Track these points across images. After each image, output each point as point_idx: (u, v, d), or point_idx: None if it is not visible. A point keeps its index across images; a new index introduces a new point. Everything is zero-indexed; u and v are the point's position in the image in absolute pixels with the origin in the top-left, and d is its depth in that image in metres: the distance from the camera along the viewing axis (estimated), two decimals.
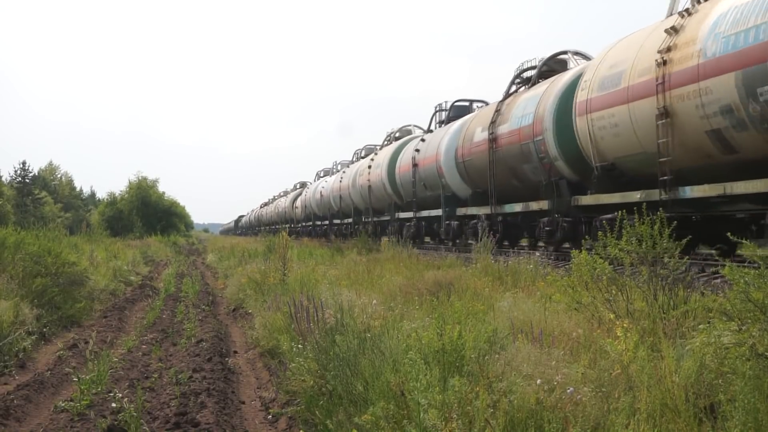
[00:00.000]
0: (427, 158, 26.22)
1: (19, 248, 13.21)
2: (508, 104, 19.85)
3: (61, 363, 8.57)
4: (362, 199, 36.53)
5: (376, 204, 34.43)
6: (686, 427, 3.88)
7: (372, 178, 34.13)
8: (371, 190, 34.31)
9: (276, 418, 6.33)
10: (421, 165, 26.97)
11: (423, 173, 26.79)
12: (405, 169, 29.06)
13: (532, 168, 17.94)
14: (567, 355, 5.34)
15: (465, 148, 22.27)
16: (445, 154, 23.71)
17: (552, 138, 16.42)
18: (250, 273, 14.87)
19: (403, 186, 29.55)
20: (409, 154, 28.98)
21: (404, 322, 6.74)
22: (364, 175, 35.86)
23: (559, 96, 16.50)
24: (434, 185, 25.29)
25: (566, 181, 16.39)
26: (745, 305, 4.50)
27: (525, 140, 17.85)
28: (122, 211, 53.54)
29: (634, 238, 6.54)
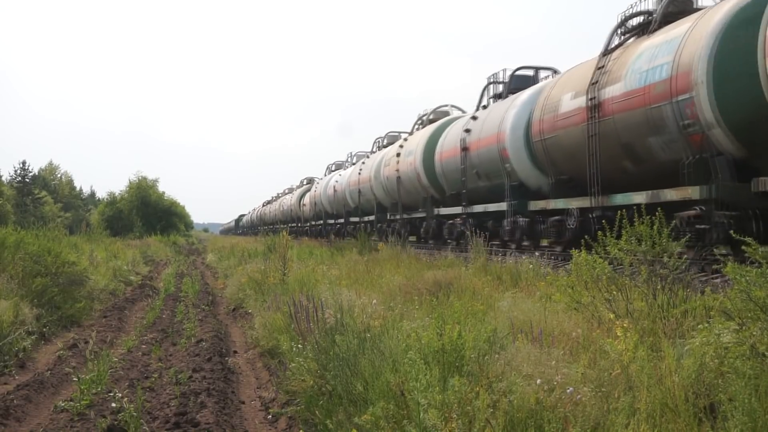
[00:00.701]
0: (482, 140, 20.90)
1: (19, 248, 13.22)
2: (616, 59, 14.49)
3: (61, 363, 8.57)
4: (388, 194, 31.54)
5: (406, 198, 29.07)
6: (686, 426, 3.88)
7: (402, 168, 28.72)
8: (400, 183, 28.92)
9: (276, 418, 6.33)
10: (472, 148, 21.58)
11: (476, 158, 21.31)
12: (449, 155, 23.72)
13: (663, 142, 12.84)
14: (567, 355, 5.34)
15: (545, 122, 16.92)
16: (512, 132, 18.75)
17: (707, 95, 11.43)
18: (250, 273, 14.87)
19: (446, 176, 24.20)
20: (454, 136, 23.55)
21: (404, 321, 6.74)
22: (390, 165, 30.49)
23: (722, 31, 11.48)
24: (493, 173, 20.25)
25: (726, 158, 11.57)
26: (746, 304, 4.50)
27: (655, 102, 12.71)
28: (122, 210, 53.54)
29: (633, 237, 6.55)
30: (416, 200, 27.95)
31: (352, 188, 38.43)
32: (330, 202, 44.70)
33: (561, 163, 16.72)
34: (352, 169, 40.94)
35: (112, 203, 55.26)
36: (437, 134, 26.17)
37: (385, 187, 31.51)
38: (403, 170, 28.48)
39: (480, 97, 23.84)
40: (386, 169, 31.16)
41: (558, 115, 16.36)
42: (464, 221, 22.41)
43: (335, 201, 43.11)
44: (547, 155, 17.20)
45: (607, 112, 14.14)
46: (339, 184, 42.52)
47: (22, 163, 67.51)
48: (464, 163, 22.07)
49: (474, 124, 22.06)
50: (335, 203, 43.24)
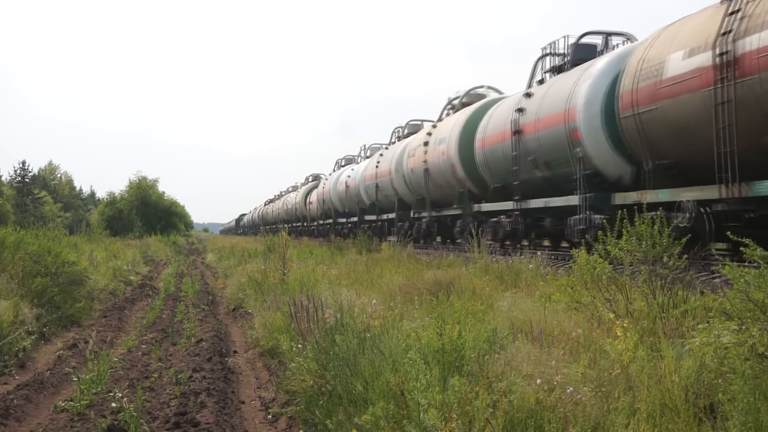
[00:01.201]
0: (541, 120, 17.23)
1: (19, 248, 13.22)
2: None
3: (61, 363, 8.57)
4: (412, 188, 28.12)
5: (436, 193, 25.51)
6: (686, 426, 3.88)
7: (431, 159, 25.07)
8: (429, 175, 25.37)
9: (276, 417, 6.33)
10: (528, 131, 17.91)
11: (533, 143, 17.64)
12: (494, 141, 20.16)
13: None
14: (567, 354, 5.34)
15: (640, 92, 13.46)
16: (586, 108, 15.36)
17: None
18: (250, 273, 14.87)
19: (490, 165, 20.55)
20: (500, 118, 19.95)
21: (404, 321, 6.74)
22: (416, 156, 26.80)
23: None
24: (557, 160, 16.75)
25: None
26: (745, 305, 4.50)
27: None
28: (122, 210, 53.56)
29: (633, 237, 6.55)
30: (448, 195, 24.33)
31: (368, 183, 34.85)
32: (341, 199, 41.13)
33: (663, 143, 13.15)
34: (368, 162, 36.98)
35: (112, 203, 55.27)
36: (476, 118, 22.38)
37: (409, 181, 28.13)
38: (433, 161, 24.81)
39: (532, 72, 19.77)
40: (410, 161, 27.63)
41: (661, 81, 12.80)
42: (515, 219, 18.84)
43: (347, 198, 39.50)
44: (641, 134, 13.59)
45: (747, 71, 10.75)
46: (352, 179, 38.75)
47: (22, 163, 67.55)
48: (516, 150, 18.27)
49: (529, 102, 18.08)
50: (347, 200, 39.63)
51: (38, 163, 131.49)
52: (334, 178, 44.42)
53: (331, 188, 43.94)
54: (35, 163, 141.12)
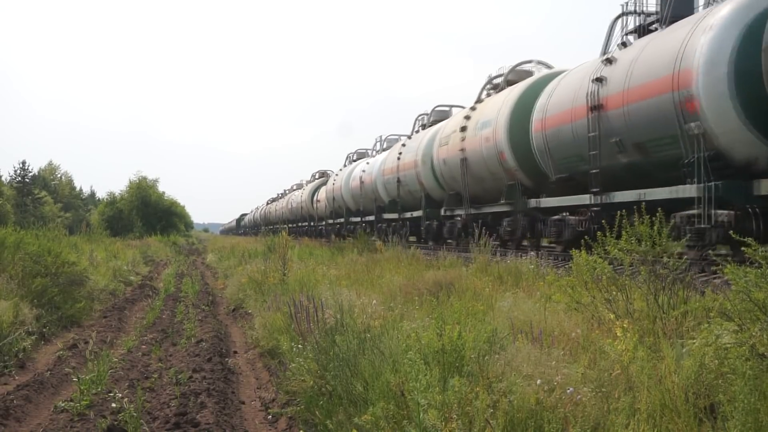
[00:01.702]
0: (631, 90, 13.57)
1: (19, 248, 13.22)
2: None
3: (61, 363, 8.57)
4: (443, 182, 24.78)
5: (476, 187, 22.03)
6: (686, 427, 3.88)
7: (470, 146, 21.54)
8: (467, 166, 21.82)
9: (276, 418, 6.33)
10: (610, 105, 14.29)
11: (619, 120, 14.04)
12: (559, 121, 16.42)
13: None
14: (567, 355, 5.34)
15: None
16: (707, 71, 11.84)
17: None
18: (250, 273, 14.87)
19: (552, 151, 16.85)
20: (567, 93, 16.21)
21: (404, 322, 6.74)
22: (450, 145, 23.31)
23: None
24: (655, 140, 13.20)
25: None
26: (745, 305, 4.50)
27: None
28: (122, 210, 53.54)
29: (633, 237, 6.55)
30: (491, 189, 20.86)
31: (388, 177, 31.36)
32: (355, 196, 37.70)
33: None
34: (387, 154, 33.42)
35: (112, 203, 55.24)
36: (531, 95, 18.76)
37: (440, 174, 24.68)
38: (473, 149, 21.25)
39: (608, 35, 15.80)
40: (442, 150, 24.11)
41: None
42: (589, 217, 15.43)
43: (362, 194, 36.01)
44: None
45: None
46: (367, 173, 35.23)
47: (22, 163, 67.52)
48: (595, 129, 14.58)
49: (612, 70, 14.46)
50: (362, 197, 36.16)
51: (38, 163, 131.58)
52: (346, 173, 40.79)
53: (343, 184, 40.15)
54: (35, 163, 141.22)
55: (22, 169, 67.26)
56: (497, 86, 22.75)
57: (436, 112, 30.47)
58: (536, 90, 18.81)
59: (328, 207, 44.87)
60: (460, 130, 22.46)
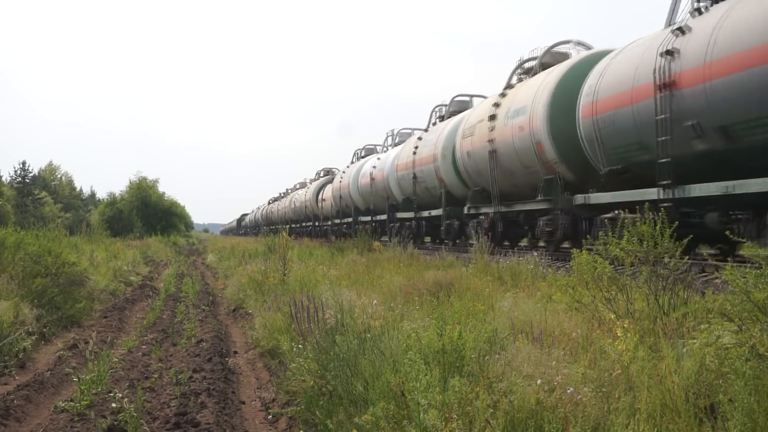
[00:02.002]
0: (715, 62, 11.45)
1: (19, 248, 13.23)
2: None
3: (61, 363, 8.57)
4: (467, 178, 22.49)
5: (505, 183, 19.74)
6: (686, 427, 3.88)
7: (500, 137, 19.30)
8: (496, 158, 19.57)
9: (276, 418, 6.33)
10: (685, 82, 12.11)
11: (694, 99, 11.88)
12: (615, 103, 13.99)
13: None
14: (567, 355, 5.34)
15: None
16: None
17: None
18: (250, 273, 14.87)
19: (604, 139, 14.47)
20: (625, 71, 13.97)
21: (404, 322, 6.74)
22: (477, 135, 20.95)
23: None
24: (750, 121, 10.99)
25: None
26: (745, 305, 4.50)
27: None
28: (122, 211, 53.58)
29: (635, 237, 6.54)
30: (523, 185, 18.82)
31: (402, 173, 29.10)
32: (364, 194, 35.50)
33: None
34: (401, 148, 31.09)
35: (112, 203, 55.28)
36: (576, 76, 16.42)
37: (464, 168, 22.51)
38: (504, 139, 19.12)
39: (673, 4, 13.96)
40: (466, 142, 21.85)
41: None
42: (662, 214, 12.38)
43: (373, 192, 33.91)
44: None
45: None
46: (379, 169, 33.05)
47: (22, 163, 67.60)
48: (665, 111, 12.43)
49: (686, 41, 12.32)
50: (373, 195, 34.00)
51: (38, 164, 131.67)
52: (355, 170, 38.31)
53: (351, 182, 37.82)
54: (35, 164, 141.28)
55: (22, 170, 67.31)
56: (530, 70, 20.31)
57: (455, 103, 27.68)
58: (581, 71, 16.37)
59: (334, 206, 42.54)
60: (489, 119, 19.93)
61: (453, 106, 27.68)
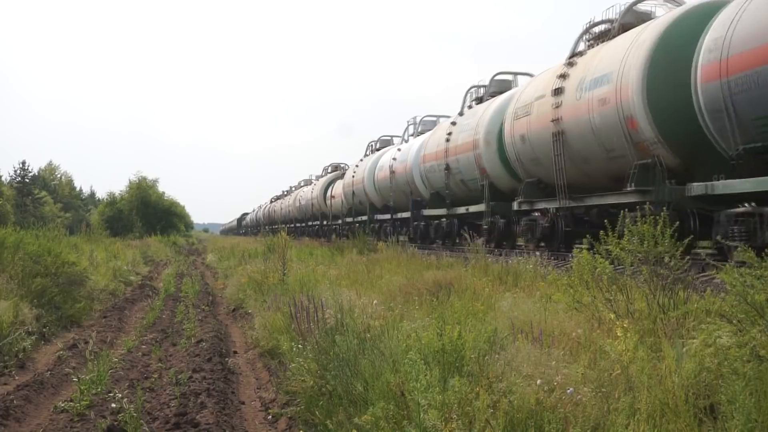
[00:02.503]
0: None
1: (19, 248, 13.23)
2: None
3: (61, 363, 8.57)
4: (515, 167, 18.90)
5: (575, 172, 15.87)
6: (686, 427, 3.88)
7: (570, 114, 15.51)
8: (564, 141, 15.68)
9: (276, 418, 6.33)
10: None
11: None
12: (758, 59, 10.50)
13: None
14: (567, 355, 5.33)
15: None
16: None
17: None
18: (250, 273, 14.87)
19: (741, 109, 11.02)
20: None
21: (404, 322, 6.74)
22: (535, 115, 17.06)
23: None
24: None
25: None
26: (743, 307, 4.50)
27: None
28: (122, 211, 53.55)
29: (635, 237, 6.54)
30: (600, 173, 15.19)
31: (431, 165, 25.27)
32: (382, 189, 31.91)
33: None
34: (428, 136, 27.28)
35: (112, 203, 55.25)
36: (684, 30, 13.08)
37: (514, 156, 18.54)
38: (575, 117, 15.20)
39: None
40: (519, 125, 18.00)
41: None
42: None
43: (393, 187, 30.10)
44: None
45: None
46: (400, 162, 29.48)
47: (22, 163, 67.54)
48: None
49: None
50: (393, 190, 30.25)
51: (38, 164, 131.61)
52: (370, 163, 34.70)
53: (366, 176, 34.31)
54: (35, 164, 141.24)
55: (22, 169, 67.29)
56: (604, 34, 16.36)
57: (495, 82, 23.96)
58: (692, 24, 12.91)
59: (345, 203, 38.77)
60: (553, 93, 16.05)
61: (493, 86, 23.85)
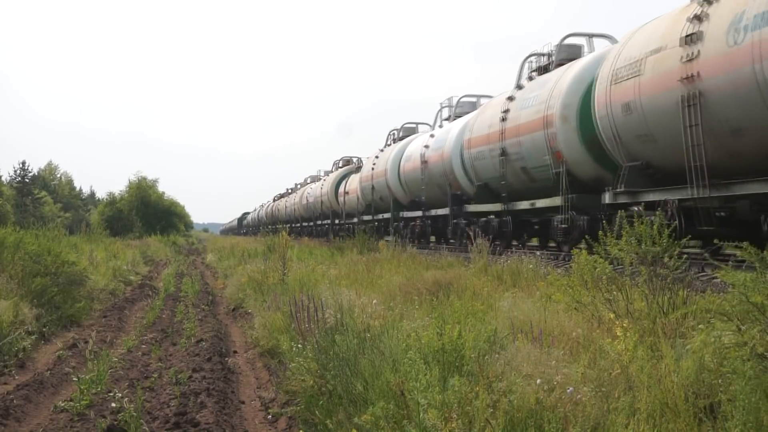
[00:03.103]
0: None
1: (19, 248, 13.22)
2: None
3: (61, 363, 8.57)
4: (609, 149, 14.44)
5: (717, 148, 11.22)
6: (686, 427, 3.88)
7: (714, 66, 10.97)
8: (704, 105, 11.17)
9: (276, 418, 6.33)
10: None
11: None
12: None
13: None
14: (567, 354, 5.34)
15: None
16: None
17: None
18: (250, 273, 14.87)
19: None
20: None
21: (404, 321, 6.74)
22: (652, 74, 12.42)
23: None
24: None
25: None
26: (744, 306, 4.50)
27: None
28: (122, 211, 53.54)
29: (633, 238, 6.54)
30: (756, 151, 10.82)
31: (478, 151, 20.80)
32: (409, 182, 27.91)
33: None
34: (473, 117, 22.52)
35: (111, 203, 55.24)
36: None
37: (610, 132, 14.02)
38: (725, 71, 10.84)
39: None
40: (619, 90, 13.48)
41: None
42: None
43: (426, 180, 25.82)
44: None
45: None
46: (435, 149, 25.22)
47: (22, 163, 67.50)
48: None
49: None
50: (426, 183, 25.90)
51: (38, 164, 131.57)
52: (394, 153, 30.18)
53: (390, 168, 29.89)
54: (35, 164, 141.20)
55: (22, 169, 67.26)
56: None
57: (565, 48, 19.19)
58: None
59: (362, 200, 34.06)
60: (684, 42, 11.53)
61: (563, 52, 19.20)
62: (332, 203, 42.90)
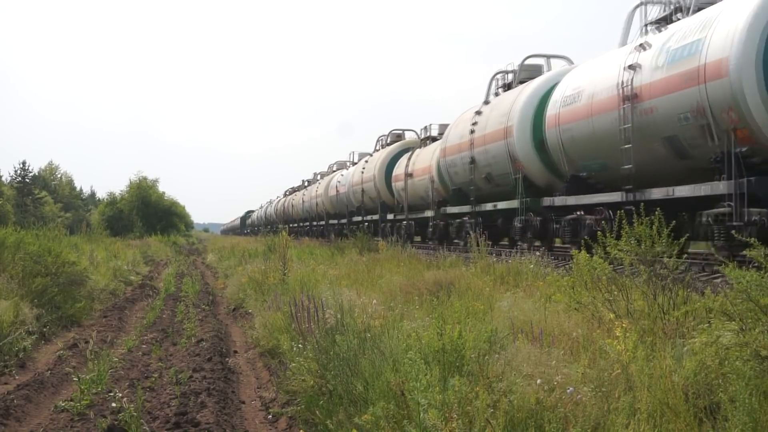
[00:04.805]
0: None
1: (19, 248, 13.23)
2: None
3: (61, 363, 8.57)
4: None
5: None
6: (686, 427, 3.88)
7: None
8: None
9: (276, 417, 6.33)
10: None
11: None
12: None
13: None
14: (567, 355, 5.34)
15: None
16: None
17: None
18: (250, 273, 14.87)
19: None
20: None
21: (404, 321, 6.74)
22: None
23: None
24: None
25: None
26: (746, 305, 4.50)
27: None
28: (122, 211, 53.54)
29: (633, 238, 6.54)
30: None
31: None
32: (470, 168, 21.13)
33: None
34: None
35: (112, 203, 55.24)
36: None
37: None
38: None
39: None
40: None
41: None
42: None
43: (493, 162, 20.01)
44: None
45: None
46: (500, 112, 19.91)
47: (22, 163, 67.42)
48: None
49: None
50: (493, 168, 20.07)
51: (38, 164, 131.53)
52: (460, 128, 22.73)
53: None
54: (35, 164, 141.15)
55: (22, 169, 67.23)
56: None
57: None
58: None
59: (439, 185, 25.44)
60: None
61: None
62: (380, 193, 31.91)
